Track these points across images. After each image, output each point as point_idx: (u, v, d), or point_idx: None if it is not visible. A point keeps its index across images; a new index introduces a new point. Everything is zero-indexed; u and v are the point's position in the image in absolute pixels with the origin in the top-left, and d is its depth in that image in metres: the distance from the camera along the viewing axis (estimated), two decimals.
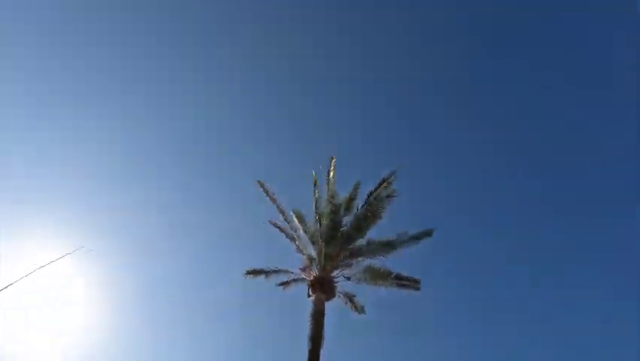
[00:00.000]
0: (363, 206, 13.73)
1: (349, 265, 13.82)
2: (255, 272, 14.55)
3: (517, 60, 30.07)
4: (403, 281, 14.23)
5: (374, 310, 15.99)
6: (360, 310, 14.97)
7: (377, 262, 13.96)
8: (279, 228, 14.51)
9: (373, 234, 14.27)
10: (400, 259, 14.40)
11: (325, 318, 12.88)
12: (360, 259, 13.89)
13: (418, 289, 14.42)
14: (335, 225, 13.63)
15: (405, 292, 14.46)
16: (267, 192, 14.55)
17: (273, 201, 14.48)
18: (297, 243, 14.26)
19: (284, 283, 14.85)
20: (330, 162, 14.65)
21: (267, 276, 14.48)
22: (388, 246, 13.84)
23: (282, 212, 14.59)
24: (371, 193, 13.68)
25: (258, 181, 14.67)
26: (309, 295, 13.24)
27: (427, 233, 14.02)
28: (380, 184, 13.67)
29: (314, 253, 13.91)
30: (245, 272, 14.68)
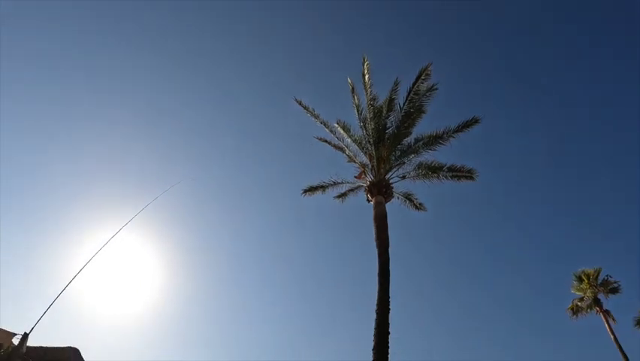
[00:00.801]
0: (405, 103, 13.37)
1: (402, 164, 13.82)
2: (312, 189, 14.99)
3: None
4: (458, 172, 14.22)
5: (433, 207, 16.30)
6: (419, 207, 15.29)
7: (428, 157, 13.96)
8: (326, 142, 14.51)
9: (420, 131, 14.11)
10: (452, 153, 14.32)
11: (388, 220, 12.91)
12: (411, 156, 13.82)
13: (473, 178, 14.40)
14: (380, 127, 13.47)
15: (461, 183, 14.56)
16: (306, 108, 14.46)
17: (315, 116, 14.41)
18: (346, 153, 14.32)
19: (341, 195, 15.26)
20: (363, 65, 14.07)
21: (323, 190, 14.90)
22: (437, 139, 13.62)
23: (325, 124, 14.50)
24: (411, 89, 13.19)
25: (296, 99, 14.52)
26: (368, 201, 13.51)
27: (475, 120, 13.59)
28: (418, 77, 13.09)
29: (365, 160, 14.00)
30: (302, 191, 15.17)
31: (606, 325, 23.10)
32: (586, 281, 24.60)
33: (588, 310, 24.57)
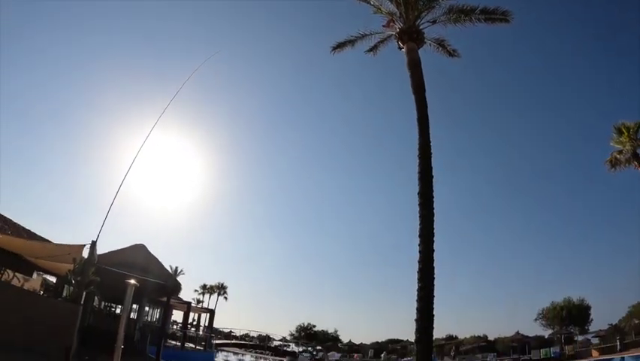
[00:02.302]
0: None
1: (431, 9, 13.45)
2: (340, 45, 15.01)
3: None
4: (491, 15, 13.71)
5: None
6: (453, 53, 15.18)
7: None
8: None
9: None
10: None
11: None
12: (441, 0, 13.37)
13: (508, 21, 13.86)
14: None
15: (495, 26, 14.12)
16: None
17: None
18: (371, 2, 14.03)
19: (372, 49, 15.26)
20: None
21: (352, 45, 14.93)
22: None
23: None
24: None
25: None
26: (400, 48, 13.59)
27: None
28: None
29: (392, 7, 13.70)
30: (330, 49, 15.23)
31: None
32: (625, 134, 24.23)
33: (627, 164, 24.57)
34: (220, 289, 70.27)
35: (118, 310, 24.34)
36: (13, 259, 13.69)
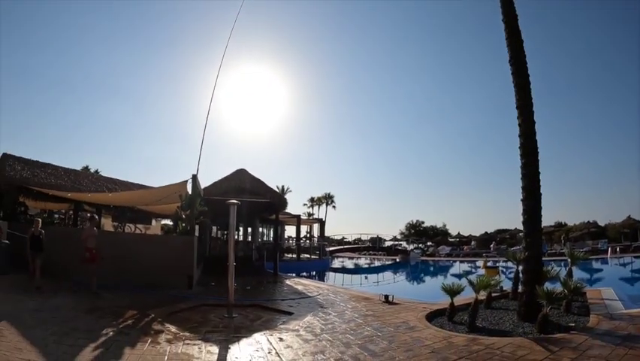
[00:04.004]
0: None
1: None
2: None
3: None
4: None
5: None
6: None
7: None
8: None
9: None
10: None
11: None
12: None
13: None
14: None
15: None
16: None
17: None
18: None
19: None
20: None
21: None
22: None
23: None
24: None
25: None
26: None
27: None
28: None
29: None
30: None
31: None
32: None
33: None
34: (328, 199, 73.96)
35: (235, 237, 26.61)
36: (131, 213, 15.52)
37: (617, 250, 32.03)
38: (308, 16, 79.68)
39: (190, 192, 12.83)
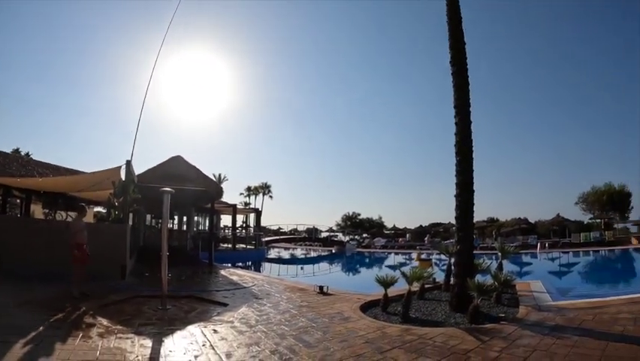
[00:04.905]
0: None
1: None
2: None
3: None
4: None
5: None
6: None
7: None
8: None
9: None
10: None
11: None
12: None
13: None
14: None
15: None
16: None
17: None
18: None
19: None
20: None
21: None
22: None
23: None
24: None
25: None
26: None
27: None
28: None
29: None
30: None
31: None
32: None
33: None
34: (264, 189, 73.99)
35: (170, 226, 26.13)
36: (61, 199, 14.54)
37: (546, 245, 33.55)
38: (253, 3, 77.84)
39: (124, 179, 12.45)
